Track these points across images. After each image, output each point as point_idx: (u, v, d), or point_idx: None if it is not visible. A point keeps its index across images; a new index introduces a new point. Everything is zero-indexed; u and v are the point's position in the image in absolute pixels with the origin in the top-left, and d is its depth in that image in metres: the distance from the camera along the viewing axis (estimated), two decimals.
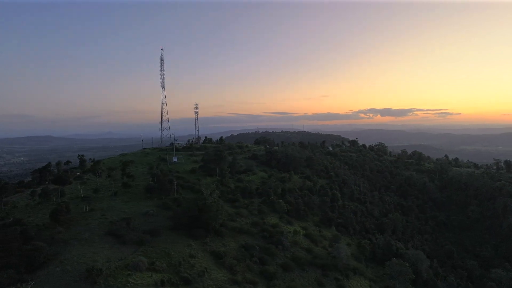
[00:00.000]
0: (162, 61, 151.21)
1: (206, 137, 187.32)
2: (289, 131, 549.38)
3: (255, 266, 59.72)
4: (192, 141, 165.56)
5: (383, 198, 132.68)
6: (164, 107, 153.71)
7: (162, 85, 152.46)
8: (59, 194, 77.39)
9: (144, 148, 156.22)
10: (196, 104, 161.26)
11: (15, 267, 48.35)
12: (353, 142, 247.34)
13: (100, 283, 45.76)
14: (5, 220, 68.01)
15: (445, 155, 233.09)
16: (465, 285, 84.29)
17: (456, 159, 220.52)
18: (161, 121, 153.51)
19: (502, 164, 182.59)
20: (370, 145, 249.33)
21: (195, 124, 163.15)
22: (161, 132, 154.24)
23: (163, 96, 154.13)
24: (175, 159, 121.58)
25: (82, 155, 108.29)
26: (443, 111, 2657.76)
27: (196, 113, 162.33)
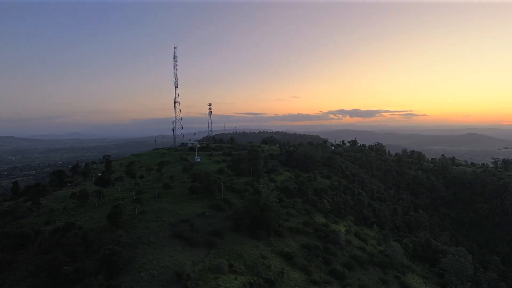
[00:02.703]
0: (175, 59, 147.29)
1: (213, 137, 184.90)
2: (266, 131, 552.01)
3: (322, 266, 59.65)
4: (204, 141, 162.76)
5: (400, 196, 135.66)
6: (177, 106, 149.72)
7: (175, 84, 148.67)
8: (101, 196, 74.20)
9: (156, 149, 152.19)
10: (209, 104, 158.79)
11: (97, 272, 45.98)
12: (353, 142, 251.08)
13: None
14: (53, 224, 64.53)
15: (442, 155, 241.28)
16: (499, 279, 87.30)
17: (453, 158, 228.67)
18: (174, 120, 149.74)
19: (500, 162, 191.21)
20: (369, 145, 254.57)
21: (209, 124, 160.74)
22: (174, 131, 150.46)
23: (176, 95, 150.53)
24: (197, 159, 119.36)
25: (109, 156, 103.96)
26: (409, 112, 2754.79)
27: (210, 112, 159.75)
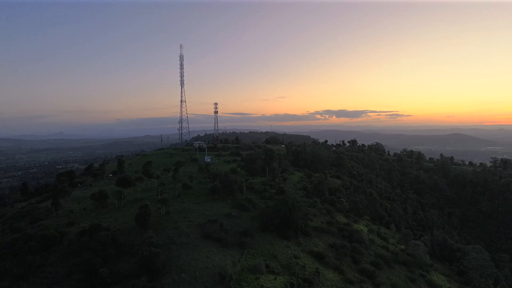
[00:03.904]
0: (181, 58, 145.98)
1: (218, 137, 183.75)
2: (256, 131, 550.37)
3: (352, 265, 59.79)
4: (209, 140, 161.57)
5: (407, 195, 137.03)
6: (183, 106, 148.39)
7: (182, 84, 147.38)
8: (122, 196, 72.98)
9: (162, 148, 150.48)
10: (216, 103, 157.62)
11: (134, 274, 45.03)
12: (353, 142, 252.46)
13: None
14: (77, 226, 63.08)
15: (441, 154, 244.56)
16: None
17: (451, 158, 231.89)
18: (180, 119, 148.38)
19: (499, 162, 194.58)
20: (368, 145, 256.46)
21: (215, 124, 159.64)
22: (180, 131, 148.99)
23: (183, 95, 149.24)
24: (208, 159, 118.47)
25: (121, 156, 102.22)
26: (394, 112, 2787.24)
27: (216, 112, 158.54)
